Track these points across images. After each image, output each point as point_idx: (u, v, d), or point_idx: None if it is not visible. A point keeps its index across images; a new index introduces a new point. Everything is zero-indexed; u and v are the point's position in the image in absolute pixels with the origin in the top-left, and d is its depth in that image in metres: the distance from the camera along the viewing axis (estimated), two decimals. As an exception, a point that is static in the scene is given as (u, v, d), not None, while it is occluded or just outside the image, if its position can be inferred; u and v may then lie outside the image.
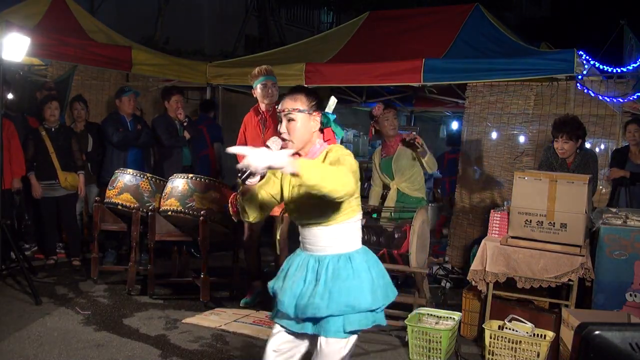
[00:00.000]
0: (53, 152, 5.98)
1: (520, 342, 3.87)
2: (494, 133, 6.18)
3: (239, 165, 2.18)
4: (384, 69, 6.20)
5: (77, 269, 6.03)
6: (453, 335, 4.12)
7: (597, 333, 1.91)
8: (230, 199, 3.45)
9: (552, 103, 5.83)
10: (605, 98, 5.52)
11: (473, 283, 4.35)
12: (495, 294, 4.31)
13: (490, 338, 3.96)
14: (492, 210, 4.59)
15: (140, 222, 5.27)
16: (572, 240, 4.05)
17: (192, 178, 5.08)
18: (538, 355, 3.83)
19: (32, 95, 7.05)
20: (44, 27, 6.26)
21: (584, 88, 5.55)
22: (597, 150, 5.61)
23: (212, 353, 4.06)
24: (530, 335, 3.91)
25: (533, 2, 21.37)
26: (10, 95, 6.44)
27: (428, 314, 4.32)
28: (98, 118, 6.84)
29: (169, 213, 5.03)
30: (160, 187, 5.28)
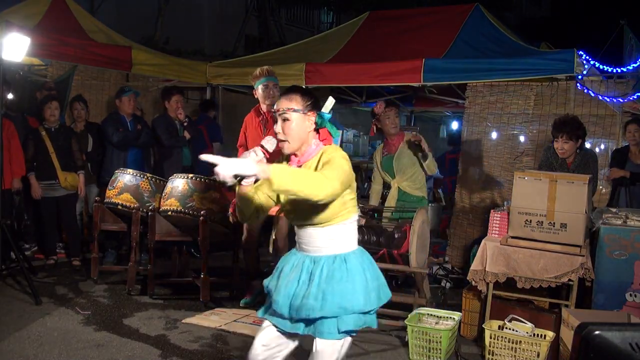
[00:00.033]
0: (53, 152, 5.97)
1: (520, 342, 3.87)
2: (494, 133, 6.18)
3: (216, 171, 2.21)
4: (384, 69, 6.20)
5: (77, 269, 6.03)
6: (453, 335, 4.12)
7: (597, 333, 1.92)
8: (233, 201, 3.48)
9: (552, 103, 5.83)
10: (605, 98, 5.52)
11: (473, 283, 4.35)
12: (495, 294, 4.31)
13: (490, 338, 3.96)
14: (492, 210, 4.59)
15: (140, 222, 5.26)
16: (572, 240, 4.05)
17: (192, 178, 5.07)
18: (538, 355, 3.83)
19: (32, 95, 7.05)
20: (44, 27, 6.26)
21: (584, 88, 5.55)
22: (597, 150, 5.61)
23: (212, 353, 4.05)
24: (530, 335, 3.91)
25: (533, 2, 21.39)
26: (10, 95, 6.44)
27: (428, 314, 4.32)
28: (98, 118, 6.84)
29: (169, 213, 5.03)
30: (160, 187, 5.28)
